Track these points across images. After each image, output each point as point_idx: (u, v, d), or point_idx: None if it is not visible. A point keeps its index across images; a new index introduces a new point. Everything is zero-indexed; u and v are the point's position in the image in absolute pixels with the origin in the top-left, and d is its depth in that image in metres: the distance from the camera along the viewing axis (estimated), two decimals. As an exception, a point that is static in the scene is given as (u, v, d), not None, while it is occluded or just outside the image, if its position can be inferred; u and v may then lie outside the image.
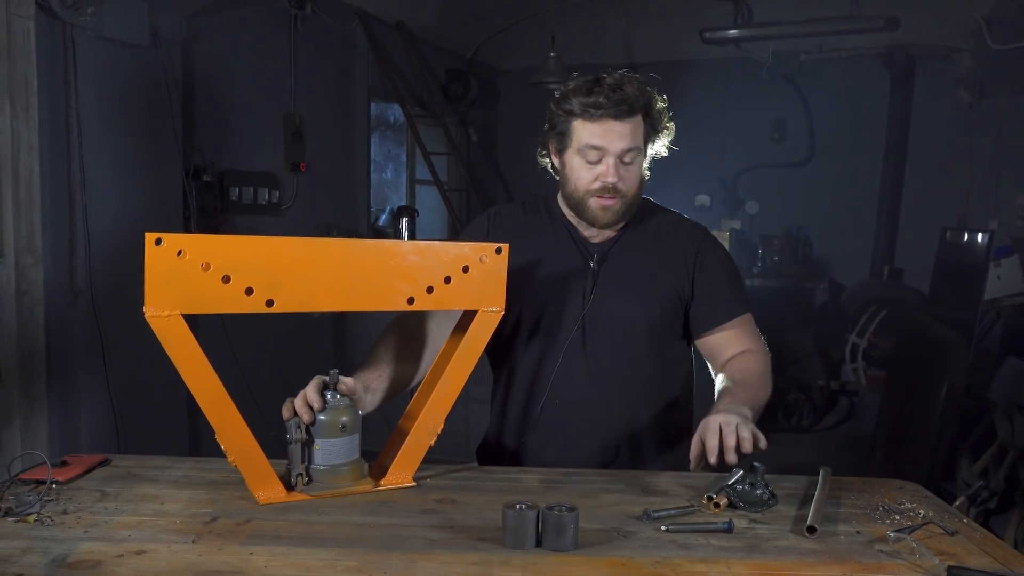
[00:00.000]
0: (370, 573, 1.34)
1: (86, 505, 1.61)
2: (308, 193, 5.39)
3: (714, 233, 2.19)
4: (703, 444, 1.69)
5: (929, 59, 7.25)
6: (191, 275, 1.51)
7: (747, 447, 1.67)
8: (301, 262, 1.62)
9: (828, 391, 6.83)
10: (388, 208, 6.71)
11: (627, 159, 1.97)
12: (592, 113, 1.94)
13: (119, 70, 3.90)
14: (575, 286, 2.06)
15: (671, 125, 2.07)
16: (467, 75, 7.31)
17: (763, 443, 1.68)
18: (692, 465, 1.71)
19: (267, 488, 1.67)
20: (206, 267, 1.52)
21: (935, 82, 7.24)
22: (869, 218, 7.61)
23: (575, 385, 2.05)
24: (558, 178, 2.10)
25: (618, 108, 1.93)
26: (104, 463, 1.86)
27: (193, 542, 1.44)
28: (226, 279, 1.54)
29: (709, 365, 2.13)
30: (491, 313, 1.81)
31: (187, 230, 4.33)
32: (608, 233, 2.09)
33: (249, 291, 1.56)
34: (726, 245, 2.28)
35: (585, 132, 1.97)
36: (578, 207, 2.03)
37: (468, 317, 1.82)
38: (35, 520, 1.52)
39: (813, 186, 7.65)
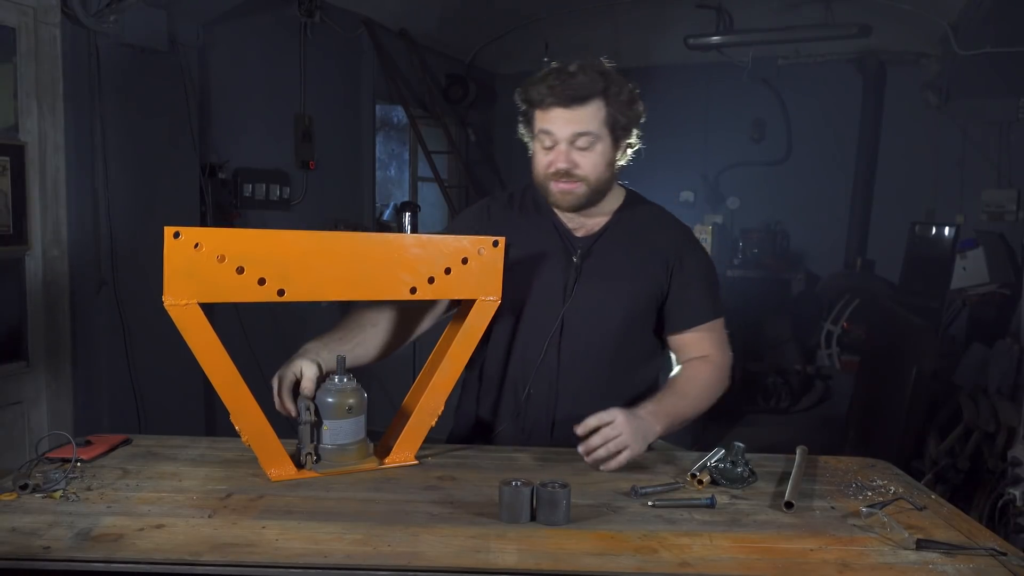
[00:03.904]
0: (375, 546, 1.34)
1: (109, 482, 1.61)
2: (317, 189, 5.37)
3: (697, 227, 2.14)
4: (590, 433, 1.72)
5: (899, 64, 7.25)
6: (207, 266, 1.50)
7: (602, 465, 1.71)
8: (310, 254, 1.61)
9: (804, 375, 6.85)
10: (392, 203, 6.69)
11: (580, 144, 1.87)
12: (542, 102, 1.88)
13: (140, 74, 3.88)
14: (557, 280, 1.97)
15: (640, 109, 1.95)
16: (466, 79, 7.28)
17: (613, 464, 1.71)
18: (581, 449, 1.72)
19: (278, 466, 1.67)
20: (221, 259, 1.51)
21: (904, 85, 7.24)
22: (842, 213, 7.62)
23: (548, 377, 1.98)
24: None
25: (566, 96, 1.84)
26: (126, 442, 1.86)
27: (209, 516, 1.44)
28: (240, 270, 1.53)
29: (672, 357, 2.09)
30: (488, 302, 1.80)
31: (203, 224, 4.31)
32: (592, 227, 2.00)
33: (262, 281, 1.56)
34: (708, 239, 2.24)
35: (539, 119, 1.91)
36: (543, 192, 1.96)
37: (467, 306, 1.82)
38: (61, 496, 1.52)
39: (790, 183, 7.64)
